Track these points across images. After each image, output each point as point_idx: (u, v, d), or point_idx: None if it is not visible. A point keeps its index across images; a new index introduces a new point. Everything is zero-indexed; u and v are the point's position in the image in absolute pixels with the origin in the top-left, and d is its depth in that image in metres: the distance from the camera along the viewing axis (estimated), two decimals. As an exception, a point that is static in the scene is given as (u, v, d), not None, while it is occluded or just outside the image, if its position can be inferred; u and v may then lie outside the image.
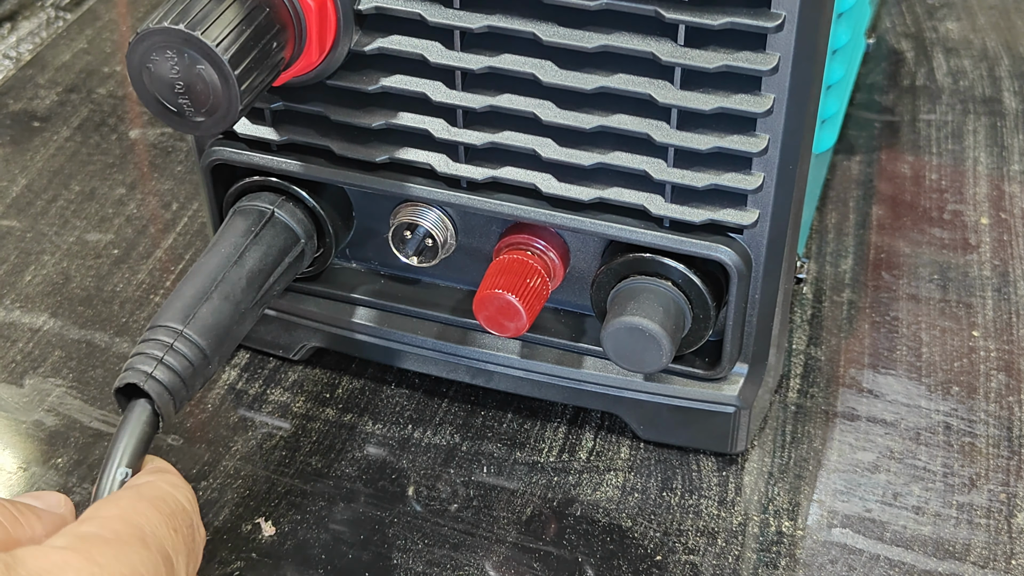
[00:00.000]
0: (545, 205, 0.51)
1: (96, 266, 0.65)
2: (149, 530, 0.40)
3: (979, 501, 0.54)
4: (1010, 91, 0.77)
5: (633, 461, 0.56)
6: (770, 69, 0.45)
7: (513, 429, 0.57)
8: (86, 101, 0.77)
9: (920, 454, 0.56)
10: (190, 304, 0.47)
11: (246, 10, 0.43)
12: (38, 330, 0.61)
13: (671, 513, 0.53)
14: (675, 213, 0.49)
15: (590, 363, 0.55)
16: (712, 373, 0.53)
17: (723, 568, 0.51)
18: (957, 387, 0.59)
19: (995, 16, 0.84)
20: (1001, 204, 0.69)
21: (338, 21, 0.47)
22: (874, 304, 0.63)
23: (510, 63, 0.48)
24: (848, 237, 0.67)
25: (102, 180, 0.71)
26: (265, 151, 0.53)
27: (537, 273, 0.51)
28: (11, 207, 0.69)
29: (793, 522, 0.53)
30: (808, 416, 0.57)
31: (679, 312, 0.50)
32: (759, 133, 0.47)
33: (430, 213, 0.53)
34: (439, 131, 0.51)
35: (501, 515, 0.53)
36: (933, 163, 0.72)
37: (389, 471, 0.55)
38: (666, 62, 0.46)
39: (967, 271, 0.65)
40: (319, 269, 0.56)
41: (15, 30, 0.83)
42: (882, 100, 0.77)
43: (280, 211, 0.52)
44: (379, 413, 0.58)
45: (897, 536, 0.52)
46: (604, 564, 0.51)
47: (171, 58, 0.43)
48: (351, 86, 0.50)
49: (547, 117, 0.49)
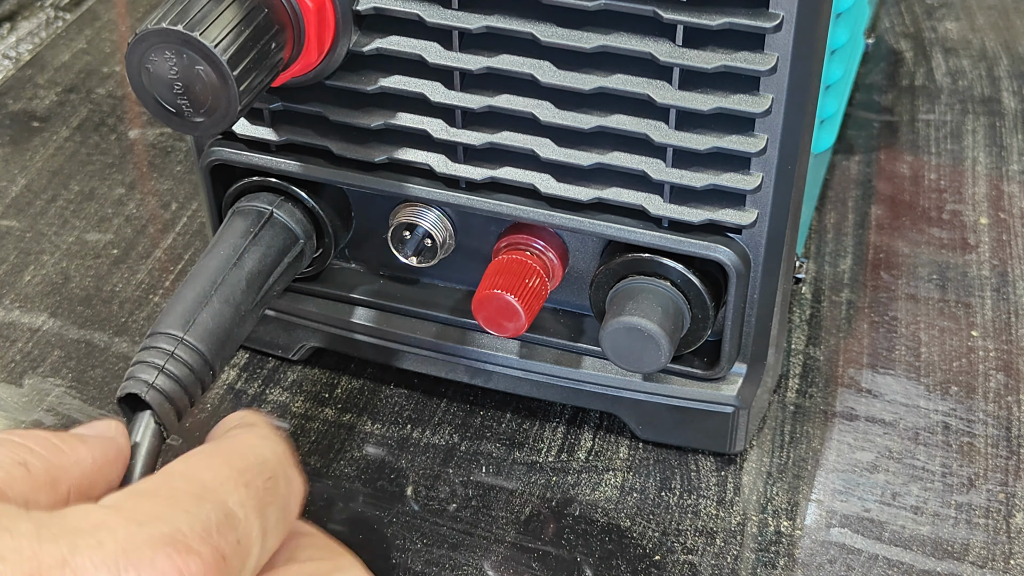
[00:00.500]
0: (544, 205, 0.51)
1: (95, 266, 0.65)
2: (213, 485, 0.38)
3: (978, 501, 0.54)
4: (1009, 91, 0.77)
5: (632, 461, 0.56)
6: (768, 69, 0.45)
7: (512, 429, 0.57)
8: (85, 101, 0.77)
9: (919, 454, 0.56)
10: (190, 309, 0.47)
11: (245, 11, 0.43)
12: (37, 330, 0.61)
13: (670, 513, 0.53)
14: (674, 213, 0.49)
15: (589, 363, 0.55)
16: (711, 373, 0.53)
17: (722, 568, 0.51)
18: (956, 387, 0.59)
19: (994, 16, 0.84)
20: (1000, 204, 0.69)
21: (337, 22, 0.47)
22: (873, 304, 0.63)
23: (508, 63, 0.48)
24: (847, 237, 0.67)
25: (101, 180, 0.71)
26: (264, 151, 0.53)
27: (536, 273, 0.51)
28: (10, 207, 0.69)
29: (792, 522, 0.53)
30: (807, 416, 0.58)
31: (678, 312, 0.50)
32: (758, 133, 0.47)
33: (429, 213, 0.53)
34: (438, 131, 0.51)
35: (500, 515, 0.53)
36: (932, 163, 0.72)
37: (388, 471, 0.55)
38: (664, 62, 0.46)
39: (966, 271, 0.65)
40: (318, 269, 0.56)
41: (15, 30, 0.83)
42: (881, 100, 0.77)
43: (279, 211, 0.52)
44: (378, 413, 0.58)
45: (896, 536, 0.52)
46: (603, 564, 0.51)
47: (170, 58, 0.43)
48: (350, 86, 0.50)
49: (545, 117, 0.49)
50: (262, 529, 0.39)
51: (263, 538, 0.39)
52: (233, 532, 0.37)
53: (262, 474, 0.40)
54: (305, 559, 0.42)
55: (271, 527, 0.39)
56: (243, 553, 0.38)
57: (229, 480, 0.39)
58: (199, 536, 0.36)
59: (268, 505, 0.39)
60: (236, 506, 0.38)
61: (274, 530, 0.40)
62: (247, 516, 0.38)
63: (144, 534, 0.36)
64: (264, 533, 0.39)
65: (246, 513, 0.38)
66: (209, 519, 0.37)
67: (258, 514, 0.39)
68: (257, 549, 0.39)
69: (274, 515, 0.40)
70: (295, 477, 0.41)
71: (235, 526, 0.38)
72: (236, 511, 0.38)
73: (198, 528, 0.36)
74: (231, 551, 0.37)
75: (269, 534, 0.39)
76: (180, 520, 0.36)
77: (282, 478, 0.41)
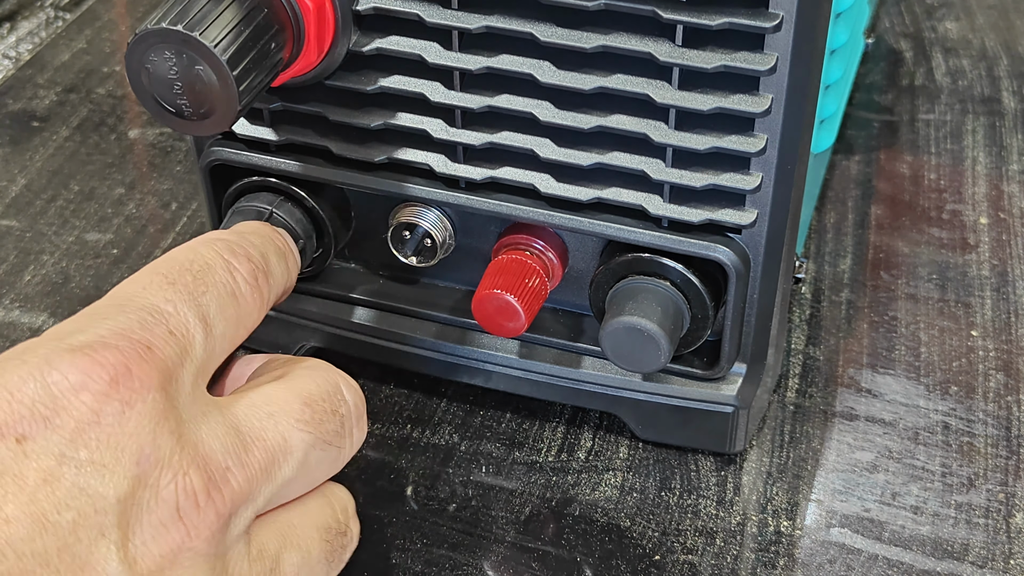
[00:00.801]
0: (543, 205, 0.51)
1: (95, 266, 0.65)
2: (135, 291, 0.41)
3: (977, 501, 0.54)
4: (1009, 91, 0.77)
5: (632, 461, 0.56)
6: (768, 69, 0.45)
7: (512, 429, 0.57)
8: (85, 101, 0.77)
9: (919, 454, 0.56)
10: None
11: (244, 11, 0.43)
12: (37, 330, 0.61)
13: (669, 513, 0.53)
14: (673, 213, 0.49)
15: (589, 363, 0.55)
16: (710, 373, 0.53)
17: (721, 568, 0.51)
18: (956, 387, 0.59)
19: (994, 16, 0.84)
20: (1000, 204, 0.69)
21: (336, 21, 0.47)
22: (873, 304, 0.63)
23: (508, 63, 0.48)
24: (847, 237, 0.67)
25: (101, 180, 0.71)
26: (264, 151, 0.53)
27: (536, 273, 0.51)
28: (10, 207, 0.69)
29: (791, 522, 0.53)
30: (807, 416, 0.58)
31: (677, 312, 0.50)
32: (757, 133, 0.47)
33: (429, 213, 0.53)
34: (437, 131, 0.51)
35: (500, 515, 0.53)
36: (932, 163, 0.72)
37: (388, 471, 0.55)
38: (664, 62, 0.46)
39: (966, 271, 0.65)
40: (318, 269, 0.56)
41: (14, 30, 0.83)
42: (881, 100, 0.77)
43: (279, 211, 0.52)
44: (378, 413, 0.58)
45: (895, 536, 0.52)
46: (602, 564, 0.51)
47: (170, 59, 0.43)
48: (350, 86, 0.50)
49: (545, 117, 0.49)
50: (200, 317, 0.41)
51: (204, 324, 0.41)
52: (161, 325, 0.40)
53: (190, 270, 0.42)
54: (272, 370, 0.45)
55: (213, 314, 0.42)
56: (179, 341, 0.40)
57: (152, 284, 0.41)
58: (116, 334, 0.39)
59: (202, 295, 0.42)
60: (162, 302, 0.41)
61: (218, 317, 0.42)
62: (177, 309, 0.41)
63: (64, 345, 0.38)
64: (204, 320, 0.41)
65: (176, 307, 0.41)
66: (129, 320, 0.39)
67: (191, 305, 0.41)
68: (200, 335, 0.41)
69: (214, 303, 0.42)
70: (235, 268, 0.44)
71: (163, 320, 0.40)
72: (163, 307, 0.40)
73: (116, 329, 0.39)
74: (160, 341, 0.39)
75: (213, 321, 0.42)
76: (99, 326, 0.39)
77: (220, 268, 0.43)
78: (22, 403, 0.37)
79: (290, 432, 0.42)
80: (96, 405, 0.37)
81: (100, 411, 0.37)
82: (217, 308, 0.42)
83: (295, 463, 0.42)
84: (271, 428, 0.41)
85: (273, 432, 0.41)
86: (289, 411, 0.42)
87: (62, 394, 0.37)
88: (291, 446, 0.42)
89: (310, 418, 0.42)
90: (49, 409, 0.37)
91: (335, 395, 0.44)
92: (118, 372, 0.38)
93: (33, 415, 0.37)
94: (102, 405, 0.37)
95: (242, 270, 0.44)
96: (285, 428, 0.42)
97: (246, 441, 0.40)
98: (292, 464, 0.42)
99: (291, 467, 0.41)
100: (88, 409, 0.37)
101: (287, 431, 0.42)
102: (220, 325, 0.42)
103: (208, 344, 0.41)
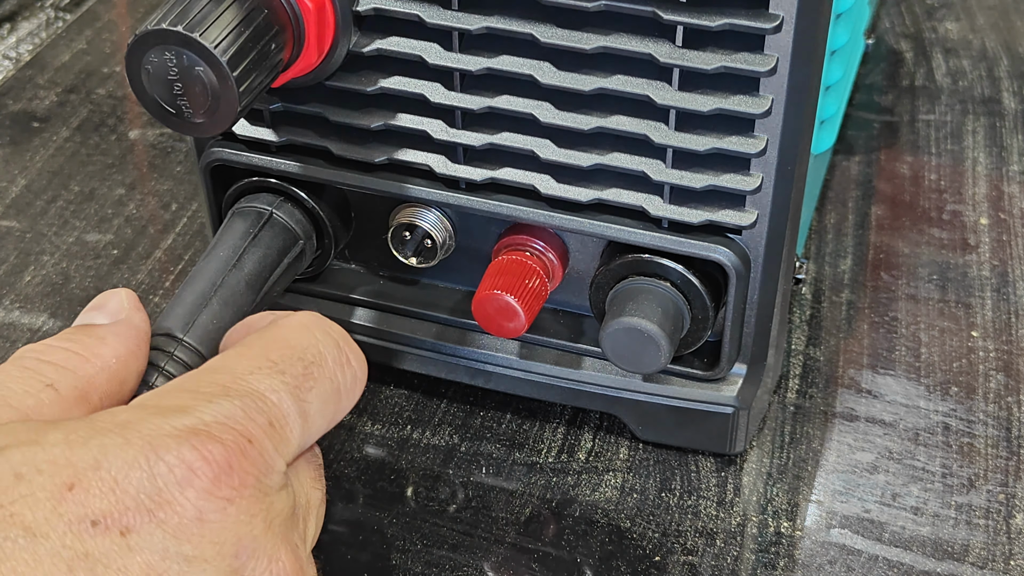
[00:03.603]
0: (544, 206, 0.51)
1: (95, 266, 0.65)
2: (242, 374, 0.40)
3: (978, 502, 0.54)
4: (1009, 91, 0.77)
5: (632, 462, 0.56)
6: (768, 70, 0.45)
7: (512, 430, 0.57)
8: (85, 102, 0.77)
9: (919, 454, 0.56)
10: (190, 310, 0.47)
11: (245, 11, 0.43)
12: (38, 330, 0.61)
13: (670, 514, 0.53)
14: (674, 214, 0.49)
15: (589, 364, 0.55)
16: (711, 374, 0.53)
17: (722, 569, 0.51)
18: (956, 387, 0.59)
19: (994, 16, 0.84)
20: (1000, 204, 0.69)
21: (336, 22, 0.47)
22: (873, 304, 0.63)
23: (508, 64, 0.48)
24: (847, 237, 0.67)
25: (101, 180, 0.71)
26: (264, 152, 0.53)
27: (536, 274, 0.51)
28: (11, 207, 0.69)
29: (792, 523, 0.53)
30: (807, 417, 0.58)
31: (677, 313, 0.50)
32: (757, 134, 0.47)
33: (429, 214, 0.53)
34: (438, 132, 0.51)
35: (500, 516, 0.53)
36: (932, 163, 0.72)
37: (388, 471, 0.55)
38: (664, 63, 0.46)
39: (966, 271, 0.65)
40: (318, 270, 0.56)
41: (15, 30, 0.83)
42: (881, 100, 0.77)
43: (279, 212, 0.52)
44: (378, 413, 0.58)
45: (896, 537, 0.52)
46: (603, 565, 0.51)
47: (170, 59, 0.43)
48: (350, 87, 0.50)
49: (545, 118, 0.49)
50: (300, 412, 0.40)
51: (303, 419, 0.40)
52: (263, 416, 0.39)
53: (301, 360, 0.41)
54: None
55: (314, 410, 0.41)
56: (277, 434, 0.39)
57: (261, 368, 0.40)
58: (220, 424, 0.38)
59: (309, 391, 0.41)
60: (268, 391, 0.40)
61: (319, 413, 0.41)
62: (281, 400, 0.40)
63: (168, 427, 0.37)
64: (304, 415, 0.41)
65: (280, 398, 0.40)
66: (234, 407, 0.39)
67: (294, 398, 0.40)
68: (298, 431, 0.40)
69: (318, 400, 0.41)
70: (347, 362, 0.43)
71: (266, 411, 0.39)
72: (268, 396, 0.40)
73: (220, 416, 0.38)
74: (260, 433, 0.39)
75: (312, 417, 0.41)
76: (203, 411, 0.38)
77: (331, 361, 0.42)
78: (127, 492, 0.36)
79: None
80: (200, 503, 0.37)
81: (203, 508, 0.37)
82: (320, 404, 0.41)
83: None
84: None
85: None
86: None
87: (167, 487, 0.36)
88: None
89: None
90: (154, 502, 0.36)
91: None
92: (221, 469, 0.37)
93: (138, 507, 0.36)
94: (205, 503, 0.37)
95: (353, 365, 0.43)
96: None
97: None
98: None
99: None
100: (192, 506, 0.36)
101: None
102: (318, 421, 0.42)
103: (303, 440, 0.41)
